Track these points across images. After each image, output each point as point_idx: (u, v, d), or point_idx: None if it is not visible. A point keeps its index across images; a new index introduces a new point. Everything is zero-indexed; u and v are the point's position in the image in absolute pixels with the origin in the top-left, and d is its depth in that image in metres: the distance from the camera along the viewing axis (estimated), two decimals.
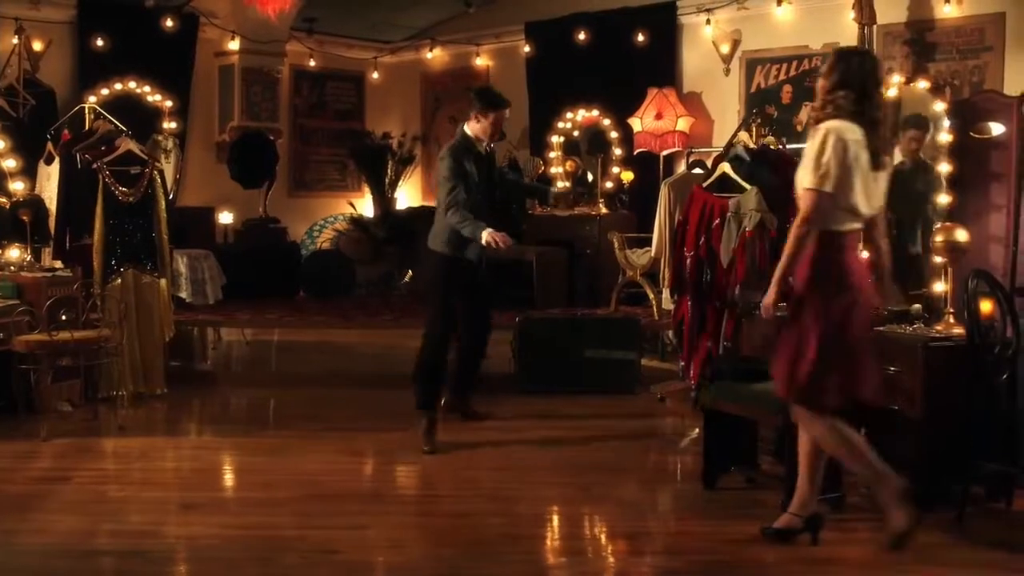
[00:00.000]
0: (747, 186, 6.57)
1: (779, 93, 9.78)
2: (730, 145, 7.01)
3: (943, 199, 6.36)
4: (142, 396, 7.59)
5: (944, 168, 6.39)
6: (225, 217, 11.23)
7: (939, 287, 5.79)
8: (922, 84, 7.02)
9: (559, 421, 7.11)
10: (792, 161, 7.24)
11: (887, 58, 8.85)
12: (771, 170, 6.72)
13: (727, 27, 10.16)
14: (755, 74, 9.96)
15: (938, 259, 5.63)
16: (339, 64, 12.75)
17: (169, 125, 10.11)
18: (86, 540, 4.73)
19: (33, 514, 5.06)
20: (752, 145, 6.93)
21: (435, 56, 12.53)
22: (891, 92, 6.68)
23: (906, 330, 5.27)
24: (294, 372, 9.19)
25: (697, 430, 6.69)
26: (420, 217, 11.66)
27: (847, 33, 8.98)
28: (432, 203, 12.54)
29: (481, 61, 11.96)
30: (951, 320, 5.27)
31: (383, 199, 12.22)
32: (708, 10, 10.11)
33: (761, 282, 6.49)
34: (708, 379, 5.65)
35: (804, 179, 4.31)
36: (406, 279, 11.21)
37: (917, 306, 5.46)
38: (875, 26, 8.75)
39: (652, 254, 8.07)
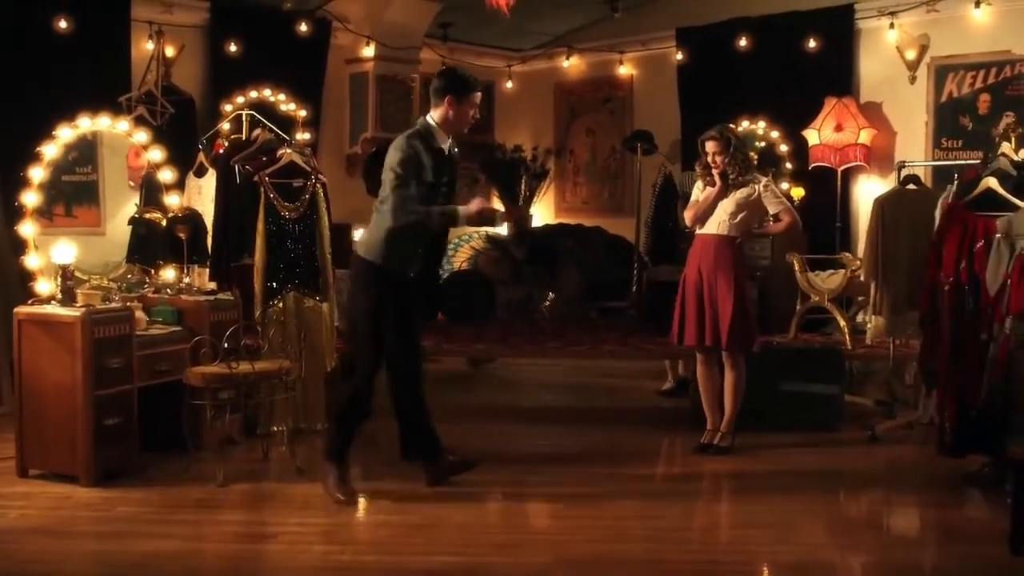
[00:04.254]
0: (1021, 203, 5.74)
1: (975, 103, 8.97)
2: (991, 157, 6.20)
3: None
4: (301, 431, 6.86)
5: None
6: (360, 235, 10.51)
7: None
8: None
9: (768, 462, 6.36)
10: None
11: None
12: None
13: (913, 31, 9.37)
14: (946, 82, 9.14)
15: None
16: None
17: (303, 136, 9.42)
18: None
19: None
20: (1016, 157, 6.11)
21: (572, 64, 11.80)
22: None
23: None
24: (446, 403, 8.39)
25: None
26: (561, 235, 10.96)
27: None
28: (567, 220, 11.88)
29: (625, 69, 11.22)
30: None
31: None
32: (892, 13, 9.34)
33: None
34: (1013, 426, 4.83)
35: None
36: (547, 302, 10.46)
37: None
38: None
39: (861, 277, 7.32)
